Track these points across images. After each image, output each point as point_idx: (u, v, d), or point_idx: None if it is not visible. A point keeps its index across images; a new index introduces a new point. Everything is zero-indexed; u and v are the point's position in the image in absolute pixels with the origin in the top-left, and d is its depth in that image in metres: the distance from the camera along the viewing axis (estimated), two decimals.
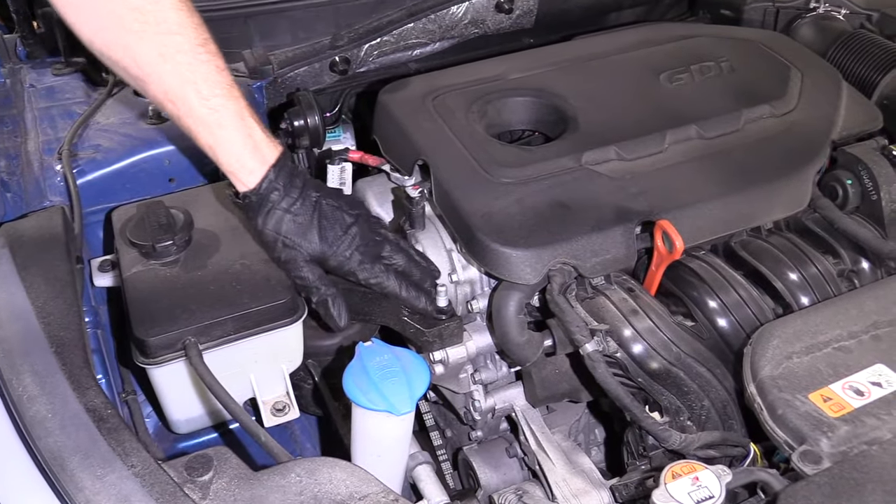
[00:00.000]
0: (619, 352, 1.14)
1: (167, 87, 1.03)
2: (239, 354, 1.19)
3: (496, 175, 1.28)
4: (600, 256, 1.19)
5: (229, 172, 1.12)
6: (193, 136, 1.07)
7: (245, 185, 1.13)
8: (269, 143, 1.12)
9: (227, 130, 1.08)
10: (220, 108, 1.06)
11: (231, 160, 1.10)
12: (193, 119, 1.06)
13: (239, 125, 1.08)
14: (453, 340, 1.27)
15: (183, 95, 1.04)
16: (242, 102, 1.09)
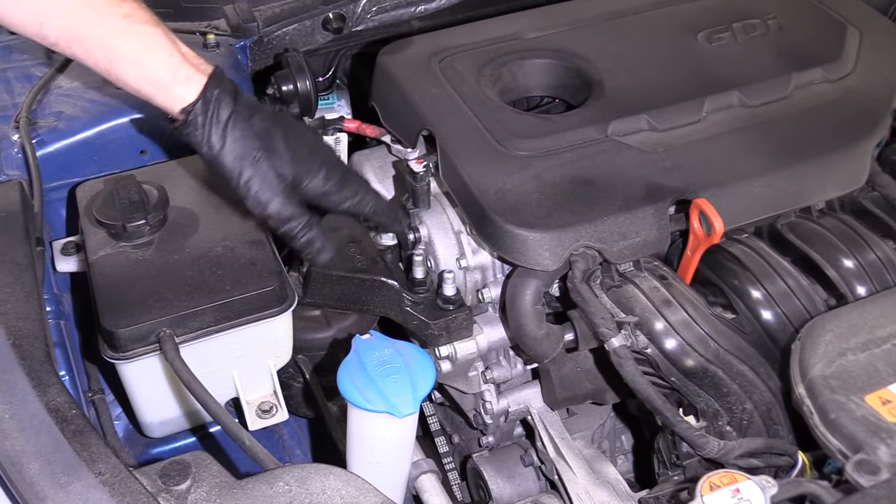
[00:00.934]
0: (649, 347, 1.14)
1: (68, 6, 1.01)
2: (220, 348, 1.19)
3: (511, 147, 1.27)
4: (629, 239, 1.19)
5: (161, 88, 1.04)
6: (104, 57, 1.04)
7: (184, 98, 1.04)
8: (199, 56, 1.09)
9: (146, 36, 1.04)
10: (135, 13, 1.04)
11: (159, 70, 1.04)
12: (104, 29, 1.03)
13: (161, 31, 1.06)
14: (462, 334, 1.27)
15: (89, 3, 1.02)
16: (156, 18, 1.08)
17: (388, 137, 1.44)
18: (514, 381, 1.39)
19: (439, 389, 1.51)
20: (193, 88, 1.05)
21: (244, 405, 1.24)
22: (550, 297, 1.28)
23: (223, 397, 1.25)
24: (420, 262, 1.27)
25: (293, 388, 1.43)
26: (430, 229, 1.32)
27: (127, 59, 1.04)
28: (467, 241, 1.31)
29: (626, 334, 1.13)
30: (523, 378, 1.39)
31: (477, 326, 1.30)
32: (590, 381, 1.29)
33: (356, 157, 1.51)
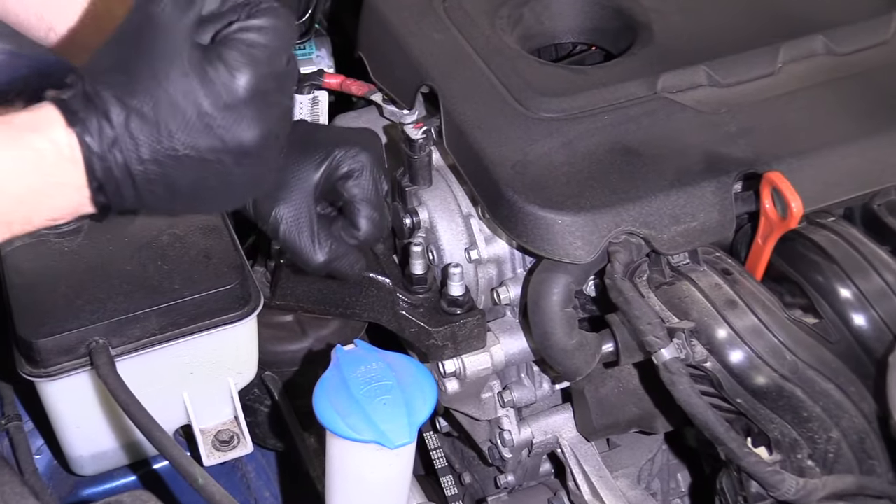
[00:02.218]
0: (708, 360, 1.14)
1: None
2: (167, 363, 1.20)
3: (534, 108, 1.28)
4: (683, 224, 1.19)
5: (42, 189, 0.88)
6: None
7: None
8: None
9: None
10: None
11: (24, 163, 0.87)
12: None
13: None
14: (472, 344, 1.28)
15: None
16: None
17: (379, 96, 1.45)
18: (540, 405, 1.39)
19: (445, 416, 1.51)
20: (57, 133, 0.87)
21: (197, 434, 1.24)
22: (584, 298, 1.28)
23: (171, 424, 1.26)
24: (419, 253, 1.27)
25: (259, 413, 1.44)
26: (431, 212, 1.33)
27: None
28: (479, 227, 1.32)
29: (680, 344, 1.13)
30: (551, 401, 1.40)
31: (491, 335, 1.30)
32: (635, 404, 1.29)
33: (339, 121, 1.51)
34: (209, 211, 1.19)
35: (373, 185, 1.12)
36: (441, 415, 1.54)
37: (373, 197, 1.11)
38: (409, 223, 1.33)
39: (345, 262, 1.11)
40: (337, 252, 1.10)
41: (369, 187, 1.12)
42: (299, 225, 1.09)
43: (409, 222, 1.33)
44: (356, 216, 1.11)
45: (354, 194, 1.12)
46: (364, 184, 1.11)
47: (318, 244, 1.09)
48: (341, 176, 1.11)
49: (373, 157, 1.13)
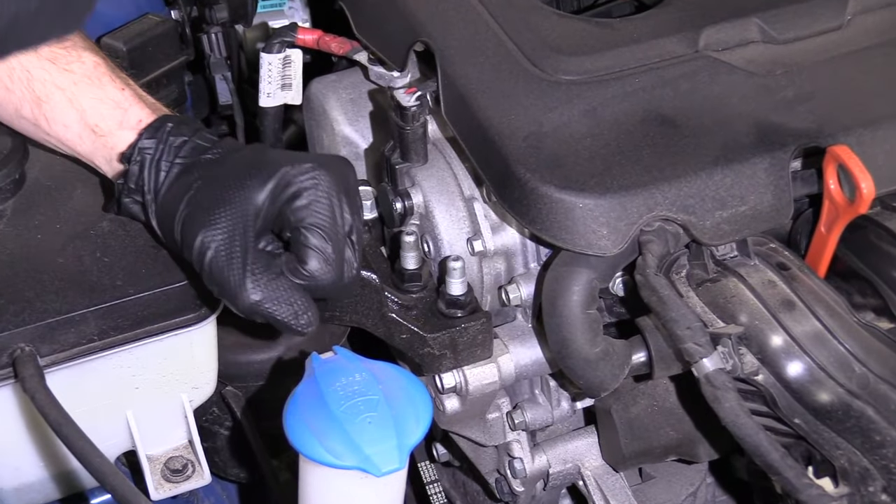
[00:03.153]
0: (760, 373, 1.15)
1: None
2: (107, 375, 1.20)
3: (551, 69, 1.28)
4: (730, 208, 1.19)
5: (105, 135, 1.22)
6: (30, 97, 1.23)
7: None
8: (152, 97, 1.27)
9: (89, 67, 1.24)
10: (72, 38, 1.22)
11: (105, 112, 1.23)
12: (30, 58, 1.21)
13: (103, 59, 1.26)
14: (476, 354, 1.28)
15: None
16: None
17: (364, 55, 1.45)
18: (558, 428, 1.39)
19: (443, 441, 1.51)
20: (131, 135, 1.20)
21: (143, 462, 1.24)
22: (611, 298, 1.28)
23: (112, 450, 1.26)
24: (412, 244, 1.27)
25: (219, 436, 1.44)
26: (427, 195, 1.33)
27: (61, 97, 1.21)
28: (484, 213, 1.32)
29: (726, 353, 1.14)
30: (571, 423, 1.40)
31: (499, 343, 1.30)
32: (672, 426, 1.29)
33: (315, 85, 1.52)
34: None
35: (328, 211, 1.12)
36: (438, 440, 1.54)
37: (326, 224, 1.11)
38: (400, 208, 1.33)
39: (284, 307, 1.10)
40: (274, 292, 1.10)
41: (323, 212, 1.12)
42: (230, 253, 1.10)
43: (400, 207, 1.33)
44: (302, 248, 1.11)
45: (301, 218, 1.12)
46: (316, 207, 1.12)
47: (251, 279, 1.09)
48: (289, 197, 1.12)
49: (333, 179, 1.13)
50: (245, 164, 1.15)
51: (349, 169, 1.19)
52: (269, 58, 1.52)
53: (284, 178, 1.12)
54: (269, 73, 1.53)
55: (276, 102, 1.58)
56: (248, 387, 1.40)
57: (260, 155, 1.17)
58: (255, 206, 1.12)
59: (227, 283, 1.10)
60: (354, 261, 1.15)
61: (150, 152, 1.18)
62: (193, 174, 1.16)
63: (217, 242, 1.10)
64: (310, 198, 1.12)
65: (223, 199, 1.12)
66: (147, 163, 1.18)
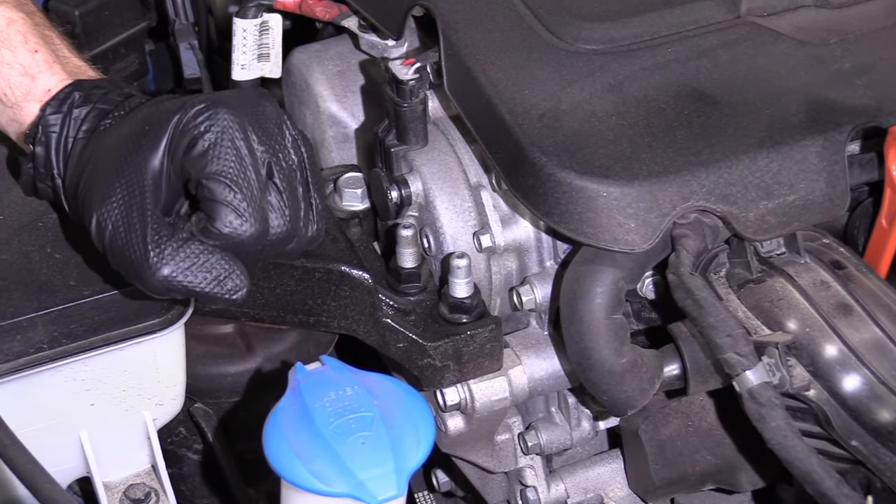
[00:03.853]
0: (812, 387, 1.15)
1: None
2: (59, 390, 1.20)
3: (571, 37, 1.28)
4: (776, 198, 1.20)
5: (9, 107, 1.21)
6: None
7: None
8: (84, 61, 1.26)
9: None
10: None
11: (12, 77, 1.21)
12: None
13: (23, 17, 1.23)
14: (484, 365, 1.28)
15: None
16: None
17: (354, 21, 1.45)
18: (578, 452, 1.39)
19: (445, 467, 1.51)
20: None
21: (99, 491, 1.24)
22: (639, 302, 1.29)
23: (64, 475, 1.26)
24: (409, 239, 1.27)
25: (186, 461, 1.44)
26: (427, 182, 1.33)
27: None
28: (493, 203, 1.32)
29: (773, 364, 1.14)
30: (592, 446, 1.40)
31: (510, 353, 1.31)
32: (709, 449, 1.29)
33: (297, 56, 1.52)
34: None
35: (230, 154, 1.08)
36: (439, 466, 1.55)
37: (229, 169, 1.08)
38: (396, 197, 1.33)
39: (201, 275, 1.08)
40: (185, 261, 1.07)
41: (224, 156, 1.08)
42: (128, 228, 1.08)
43: (396, 196, 1.33)
44: (208, 202, 1.08)
45: (201, 169, 1.08)
46: (215, 152, 1.08)
47: (155, 251, 1.07)
48: (185, 149, 1.09)
49: (234, 115, 1.10)
50: (139, 122, 1.13)
51: (262, 98, 1.14)
52: (244, 23, 1.52)
53: (177, 129, 1.10)
54: (243, 41, 1.53)
55: (252, 76, 1.57)
56: (220, 403, 1.40)
57: (155, 108, 1.14)
58: (152, 169, 1.09)
59: (130, 262, 1.07)
60: (285, 208, 1.10)
61: (54, 130, 1.16)
62: (89, 148, 1.15)
63: (113, 219, 1.08)
64: (206, 142, 1.09)
65: (116, 169, 1.10)
66: (53, 143, 1.16)
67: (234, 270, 1.09)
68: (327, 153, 1.56)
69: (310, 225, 1.12)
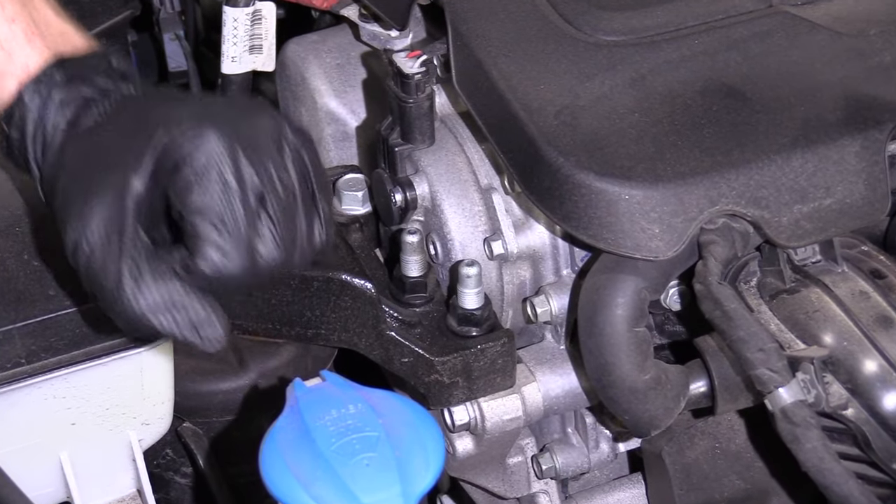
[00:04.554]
0: (850, 406, 1.14)
1: None
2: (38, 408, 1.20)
3: (590, 27, 1.29)
4: (812, 201, 1.19)
5: None
6: None
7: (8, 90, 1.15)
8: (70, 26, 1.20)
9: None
10: None
11: None
12: None
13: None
14: (495, 382, 1.28)
15: None
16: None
17: (355, 10, 1.45)
18: (596, 476, 1.40)
19: (452, 493, 1.52)
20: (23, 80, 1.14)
21: None
22: (663, 314, 1.29)
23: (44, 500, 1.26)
24: (415, 246, 1.27)
25: (174, 485, 1.44)
26: (434, 184, 1.33)
27: None
28: (505, 207, 1.32)
29: (807, 381, 1.13)
30: (612, 469, 1.40)
31: (524, 368, 1.31)
32: (738, 473, 1.29)
33: (292, 48, 1.53)
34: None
35: (216, 183, 1.06)
36: (445, 491, 1.55)
37: (213, 202, 1.06)
38: (401, 201, 1.33)
39: (178, 319, 1.07)
40: (165, 300, 1.06)
41: (208, 186, 1.06)
42: (106, 253, 1.06)
43: (401, 199, 1.33)
44: (190, 238, 1.06)
45: (183, 200, 1.07)
46: (200, 182, 1.06)
47: (130, 284, 1.06)
48: (170, 173, 1.07)
49: (226, 141, 1.08)
50: (122, 132, 1.11)
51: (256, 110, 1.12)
52: (235, 12, 1.52)
53: (164, 148, 1.07)
54: (233, 31, 1.53)
55: (243, 69, 1.58)
56: (211, 423, 1.40)
57: (139, 114, 1.12)
58: (135, 191, 1.07)
59: (103, 291, 1.06)
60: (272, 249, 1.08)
61: (32, 114, 1.14)
62: (69, 149, 1.12)
63: (90, 242, 1.06)
64: (190, 170, 1.06)
65: (97, 186, 1.08)
66: (29, 130, 1.14)
67: (212, 317, 1.07)
68: (325, 153, 1.56)
69: (314, 237, 1.10)
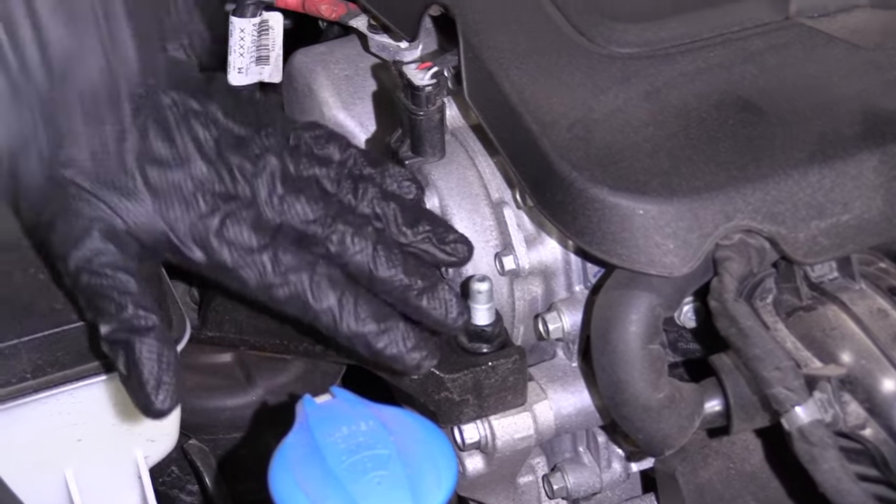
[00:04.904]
0: (869, 426, 1.14)
1: None
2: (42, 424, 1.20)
3: (604, 38, 1.29)
4: (829, 217, 1.19)
5: None
6: None
7: None
8: None
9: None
10: None
11: None
12: None
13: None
14: (506, 400, 1.28)
15: None
16: None
17: (364, 20, 1.46)
18: (608, 496, 1.40)
19: None
20: None
21: None
22: (678, 331, 1.29)
23: None
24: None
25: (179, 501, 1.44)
26: (444, 198, 1.34)
27: None
28: (516, 222, 1.33)
29: (825, 400, 1.13)
30: (624, 489, 1.40)
31: (535, 386, 1.31)
32: (754, 494, 1.29)
33: (300, 59, 1.53)
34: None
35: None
36: None
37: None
38: None
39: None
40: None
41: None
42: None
43: None
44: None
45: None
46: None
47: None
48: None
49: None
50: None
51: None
52: (241, 23, 1.53)
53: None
54: (240, 42, 1.54)
55: (250, 80, 1.59)
56: (217, 440, 1.41)
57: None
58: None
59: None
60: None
61: None
62: None
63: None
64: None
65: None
66: None
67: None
68: None
69: None
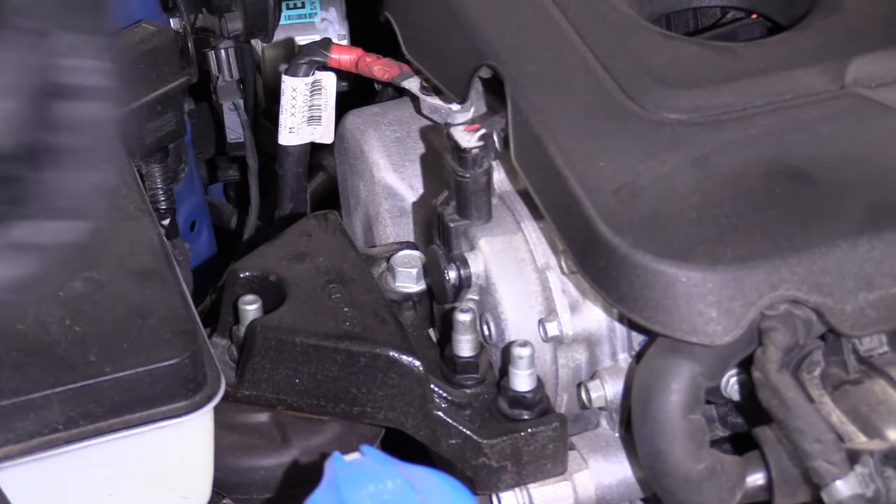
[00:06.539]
0: None
1: None
2: (75, 476, 1.22)
3: (653, 104, 1.32)
4: (878, 289, 1.21)
5: None
6: None
7: None
8: None
9: None
10: None
11: None
12: None
13: None
14: (546, 468, 1.31)
15: None
16: None
17: (416, 82, 1.49)
18: None
19: None
20: None
21: None
22: (721, 402, 1.30)
23: None
24: (468, 325, 1.29)
25: None
26: (489, 262, 1.36)
27: None
28: (561, 288, 1.35)
29: (866, 476, 1.15)
30: None
31: (576, 455, 1.33)
32: None
33: (352, 120, 1.58)
34: None
35: None
36: None
37: None
38: (455, 279, 1.36)
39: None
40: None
41: None
42: None
43: (455, 277, 1.36)
44: None
45: None
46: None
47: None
48: None
49: None
50: None
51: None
52: (294, 82, 1.58)
53: None
54: (292, 101, 1.59)
55: (301, 140, 1.63)
56: (251, 500, 1.41)
57: None
58: None
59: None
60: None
61: None
62: None
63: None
64: None
65: None
66: None
67: None
68: (382, 228, 1.60)
69: None
